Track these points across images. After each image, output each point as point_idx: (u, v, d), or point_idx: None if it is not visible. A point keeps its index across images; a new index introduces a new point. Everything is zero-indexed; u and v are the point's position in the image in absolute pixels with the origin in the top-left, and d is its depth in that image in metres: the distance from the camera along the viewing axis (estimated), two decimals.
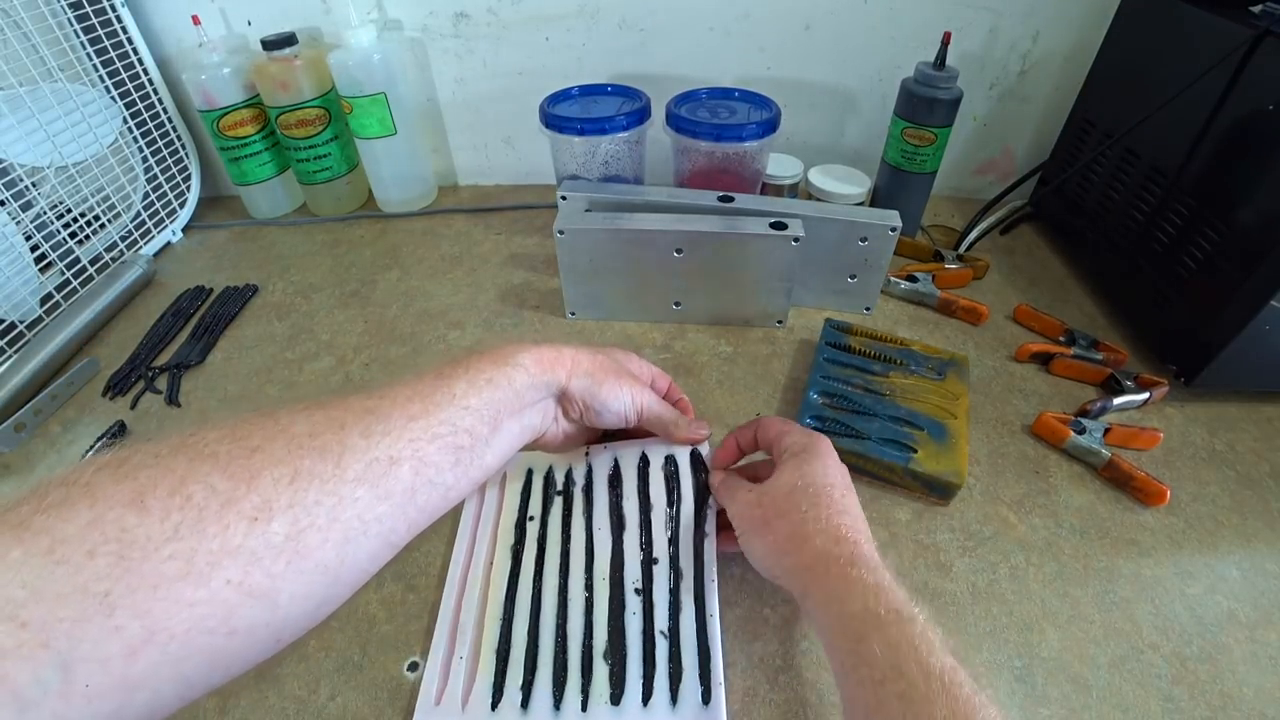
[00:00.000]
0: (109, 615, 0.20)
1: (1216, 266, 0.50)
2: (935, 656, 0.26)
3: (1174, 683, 0.37)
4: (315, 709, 0.36)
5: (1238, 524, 0.45)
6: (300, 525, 0.24)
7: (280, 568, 0.23)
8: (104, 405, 0.56)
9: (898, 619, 0.28)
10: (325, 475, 0.25)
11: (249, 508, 0.23)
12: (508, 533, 0.43)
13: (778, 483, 0.36)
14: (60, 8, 0.65)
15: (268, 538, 0.23)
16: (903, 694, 0.26)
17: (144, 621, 0.20)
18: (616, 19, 0.72)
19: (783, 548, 0.33)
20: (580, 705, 0.34)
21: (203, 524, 0.22)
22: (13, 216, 0.61)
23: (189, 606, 0.21)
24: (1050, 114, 0.74)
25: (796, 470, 0.35)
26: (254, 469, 0.24)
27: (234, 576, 0.22)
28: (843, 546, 0.32)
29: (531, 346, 0.36)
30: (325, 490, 0.25)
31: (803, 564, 0.32)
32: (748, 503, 0.36)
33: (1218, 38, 0.50)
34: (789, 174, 0.69)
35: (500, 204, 0.82)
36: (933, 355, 0.54)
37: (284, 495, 0.24)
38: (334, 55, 0.69)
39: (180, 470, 0.23)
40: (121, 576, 0.20)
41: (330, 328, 0.63)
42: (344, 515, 0.25)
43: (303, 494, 0.24)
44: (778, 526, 0.34)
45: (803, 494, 0.34)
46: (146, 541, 0.21)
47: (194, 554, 0.21)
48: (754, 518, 0.35)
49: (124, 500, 0.21)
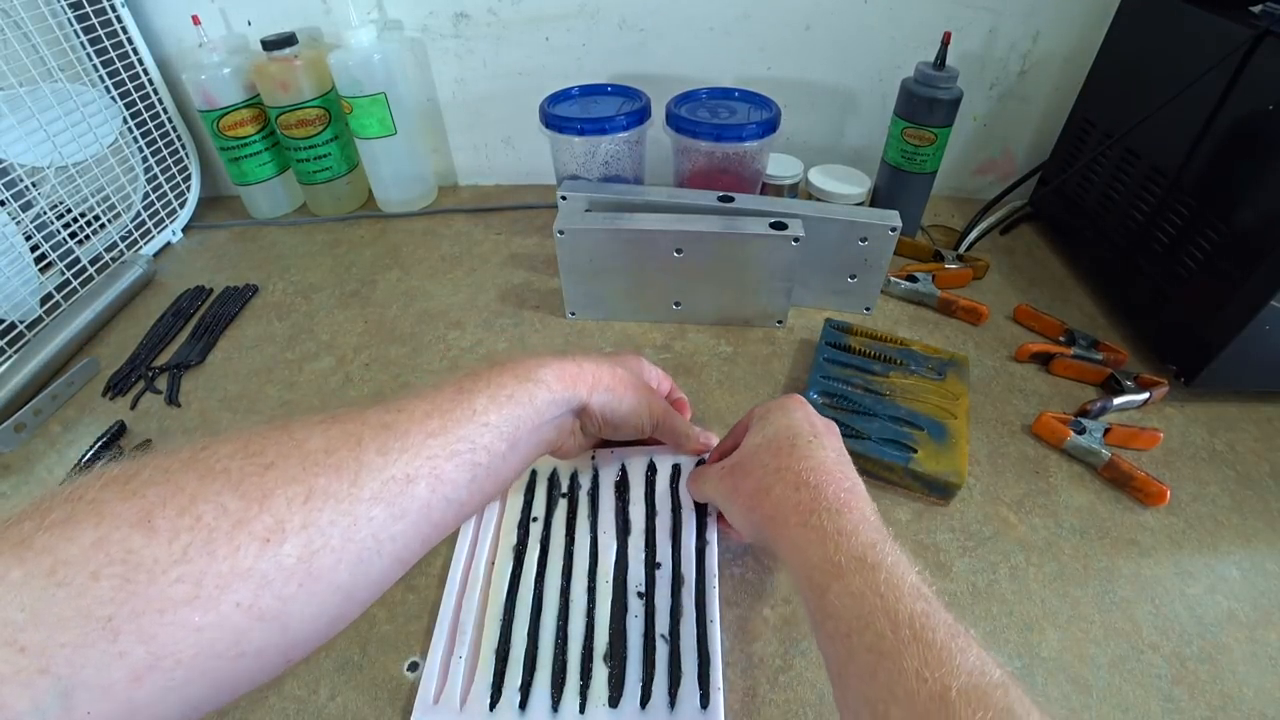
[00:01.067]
0: (112, 640, 0.19)
1: (1216, 266, 0.50)
2: (904, 603, 0.25)
3: (1174, 683, 0.37)
4: (315, 709, 0.36)
5: (1238, 524, 0.45)
6: (314, 546, 0.23)
7: (292, 590, 0.23)
8: (104, 405, 0.56)
9: (860, 566, 0.27)
10: (340, 494, 0.24)
11: (261, 529, 0.22)
12: (510, 533, 0.43)
13: (744, 447, 0.36)
14: (60, 8, 0.65)
15: (280, 560, 0.22)
16: (871, 646, 0.24)
17: (149, 647, 0.20)
18: (616, 19, 0.72)
19: (748, 504, 0.33)
20: (579, 707, 0.34)
21: (212, 546, 0.21)
22: (13, 216, 0.61)
23: (196, 631, 0.20)
24: (1050, 114, 0.74)
25: (760, 430, 0.36)
26: (267, 487, 0.23)
27: (244, 600, 0.21)
28: (803, 493, 0.31)
29: (553, 361, 0.35)
30: (340, 510, 0.24)
31: (766, 515, 0.32)
32: (719, 476, 0.36)
33: (1218, 38, 0.50)
34: (789, 174, 0.69)
35: (500, 204, 0.82)
36: (933, 355, 0.54)
37: (297, 515, 0.23)
38: (334, 55, 0.69)
39: (190, 488, 0.22)
40: (126, 600, 0.19)
41: (330, 328, 0.63)
42: (359, 535, 0.25)
43: (317, 514, 0.24)
44: (743, 485, 0.34)
45: (765, 448, 0.34)
46: (154, 564, 0.20)
47: (203, 577, 0.21)
48: (726, 487, 0.35)
49: (131, 519, 0.21)
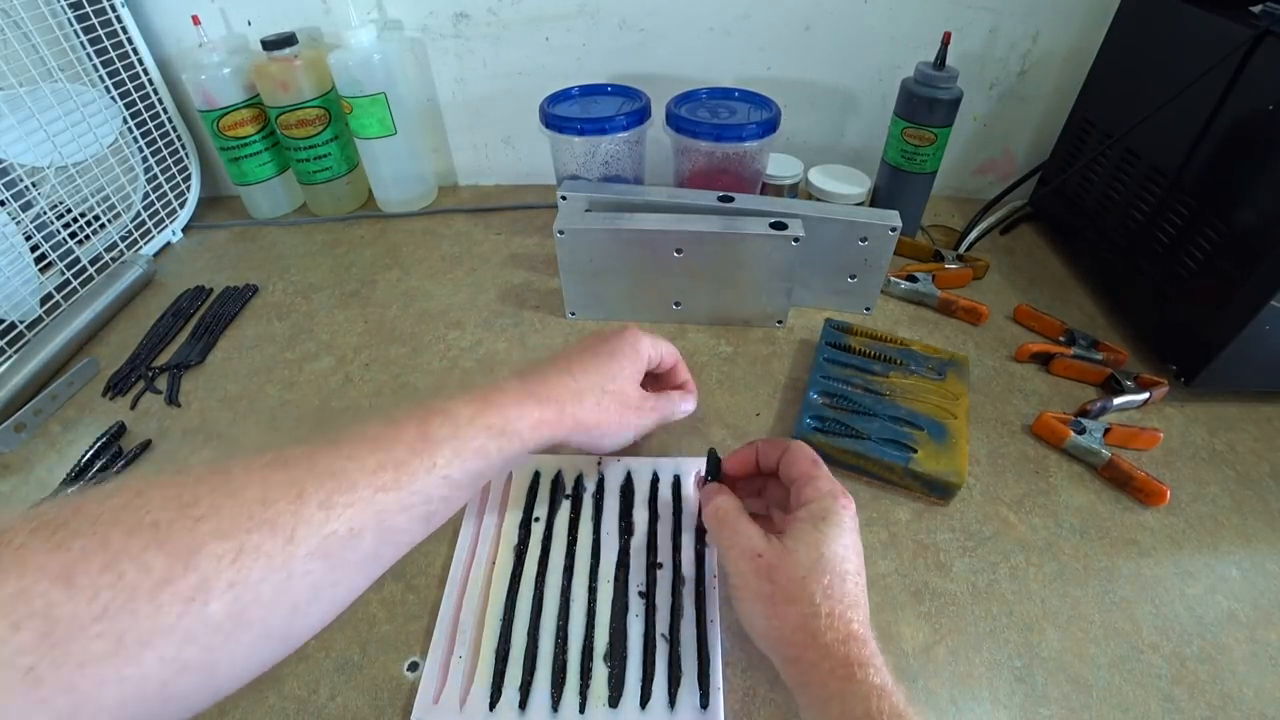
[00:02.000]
0: (34, 688, 0.19)
1: (1216, 266, 0.50)
2: None
3: (1174, 683, 0.37)
4: (315, 709, 0.36)
5: (1238, 524, 0.45)
6: (243, 602, 0.22)
7: (219, 641, 0.22)
8: (104, 405, 0.56)
9: None
10: (274, 551, 0.23)
11: (186, 588, 0.21)
12: (511, 532, 0.43)
13: (792, 557, 0.31)
14: (60, 8, 0.65)
15: (205, 617, 0.22)
16: None
17: (71, 696, 0.19)
18: (616, 19, 0.72)
19: (786, 638, 0.30)
20: (579, 707, 0.34)
21: (134, 605, 0.21)
22: (13, 216, 0.61)
23: (119, 682, 0.20)
24: (1050, 114, 0.74)
25: (815, 547, 0.32)
26: (195, 543, 0.22)
27: (167, 654, 0.21)
28: (851, 647, 0.29)
29: (534, 406, 0.33)
30: (273, 567, 0.23)
31: (806, 659, 0.30)
32: (754, 569, 0.32)
33: (1218, 38, 0.50)
34: (789, 174, 0.69)
35: (500, 204, 0.82)
36: (933, 355, 0.54)
37: (225, 574, 0.22)
38: (334, 55, 0.69)
39: (116, 543, 0.21)
40: (47, 652, 0.19)
41: (330, 328, 0.63)
42: (293, 588, 0.24)
43: (246, 572, 0.23)
44: (785, 613, 0.30)
45: (817, 581, 0.31)
46: (73, 620, 0.20)
47: (124, 634, 0.20)
48: (759, 590, 0.32)
49: (53, 573, 0.20)
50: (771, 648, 0.32)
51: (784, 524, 0.34)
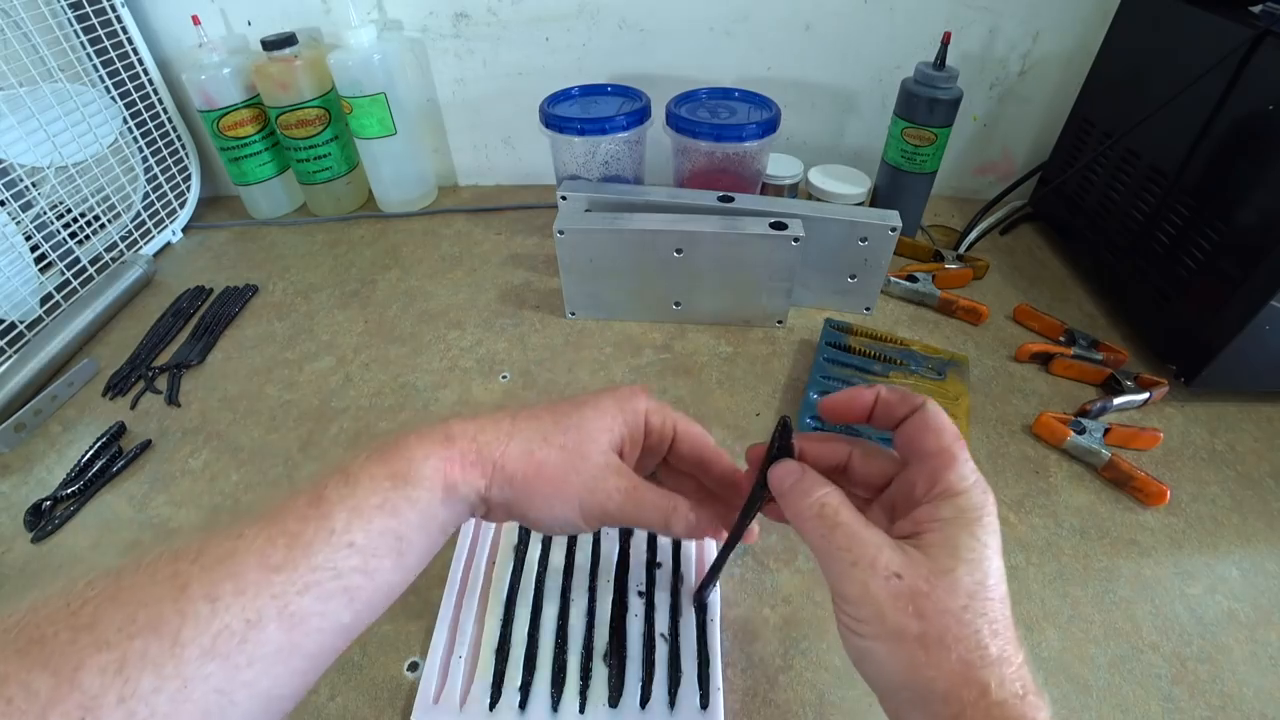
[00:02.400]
0: None
1: (1216, 266, 0.50)
2: None
3: (1174, 683, 0.37)
4: (315, 709, 0.36)
5: (1238, 524, 0.45)
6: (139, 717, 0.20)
7: None
8: (104, 405, 0.56)
9: None
10: (160, 658, 0.21)
11: (74, 707, 0.19)
12: (511, 532, 0.43)
13: (947, 580, 0.23)
14: (60, 8, 0.65)
15: None
16: None
17: None
18: (616, 19, 0.72)
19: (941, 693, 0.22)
20: (579, 707, 0.34)
21: None
22: (13, 216, 0.61)
23: None
24: (1050, 114, 0.74)
25: (978, 565, 0.24)
26: (79, 658, 0.20)
27: None
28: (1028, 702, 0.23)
29: (440, 446, 0.28)
30: (163, 675, 0.21)
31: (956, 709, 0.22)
32: (891, 596, 0.23)
33: (1218, 38, 0.50)
34: (789, 174, 0.69)
35: (500, 204, 0.82)
36: (933, 355, 0.54)
37: (112, 689, 0.20)
38: (334, 55, 0.69)
39: (5, 665, 0.20)
40: None
41: (330, 328, 0.63)
42: (195, 694, 0.21)
43: (134, 684, 0.20)
44: (939, 657, 0.22)
45: (980, 613, 0.23)
46: None
47: None
48: (898, 628, 0.23)
49: None
50: (914, 704, 0.23)
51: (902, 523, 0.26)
